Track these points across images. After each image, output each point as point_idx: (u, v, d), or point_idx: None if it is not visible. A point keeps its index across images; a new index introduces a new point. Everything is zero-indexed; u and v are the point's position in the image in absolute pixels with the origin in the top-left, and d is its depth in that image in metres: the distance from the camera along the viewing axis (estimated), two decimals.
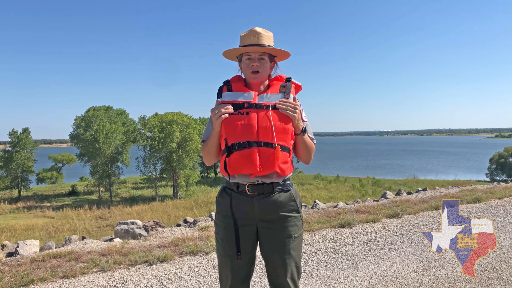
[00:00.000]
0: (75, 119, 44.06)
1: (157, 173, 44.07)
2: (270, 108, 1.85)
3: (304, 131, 1.92)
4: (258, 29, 1.92)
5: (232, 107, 1.85)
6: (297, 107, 1.86)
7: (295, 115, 1.85)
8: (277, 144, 1.81)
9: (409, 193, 7.96)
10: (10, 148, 45.26)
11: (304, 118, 1.95)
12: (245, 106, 1.86)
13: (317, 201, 6.47)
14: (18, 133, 45.02)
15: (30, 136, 46.22)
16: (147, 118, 44.11)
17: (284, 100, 1.87)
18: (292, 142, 1.91)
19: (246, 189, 1.87)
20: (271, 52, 1.93)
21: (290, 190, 1.94)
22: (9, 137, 44.97)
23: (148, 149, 42.55)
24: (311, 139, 2.00)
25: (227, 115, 1.83)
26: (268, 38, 1.92)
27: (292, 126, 1.88)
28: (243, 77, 2.00)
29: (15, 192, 45.56)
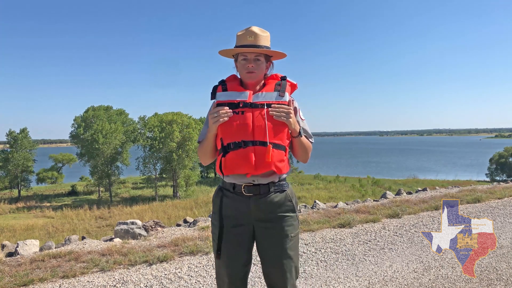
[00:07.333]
0: (74, 119, 44.12)
1: (157, 173, 44.08)
2: (265, 107, 1.84)
3: (300, 133, 1.90)
4: (255, 28, 1.89)
5: (231, 111, 1.82)
6: (291, 111, 1.82)
7: (290, 120, 1.82)
8: (270, 143, 1.79)
9: (409, 193, 7.96)
10: (7, 148, 45.28)
11: (301, 117, 1.96)
12: (240, 105, 1.85)
13: (317, 201, 6.47)
14: (16, 133, 45.03)
15: (28, 136, 46.24)
16: (147, 118, 44.16)
17: (277, 106, 1.83)
18: (288, 141, 1.90)
19: (242, 189, 1.87)
20: (267, 53, 1.92)
21: (286, 190, 1.94)
22: (7, 138, 44.99)
23: (148, 149, 42.57)
24: (309, 136, 2.00)
25: (226, 118, 1.81)
26: (264, 38, 1.90)
27: (289, 129, 1.87)
28: (239, 76, 1.99)
29: (15, 192, 45.57)
